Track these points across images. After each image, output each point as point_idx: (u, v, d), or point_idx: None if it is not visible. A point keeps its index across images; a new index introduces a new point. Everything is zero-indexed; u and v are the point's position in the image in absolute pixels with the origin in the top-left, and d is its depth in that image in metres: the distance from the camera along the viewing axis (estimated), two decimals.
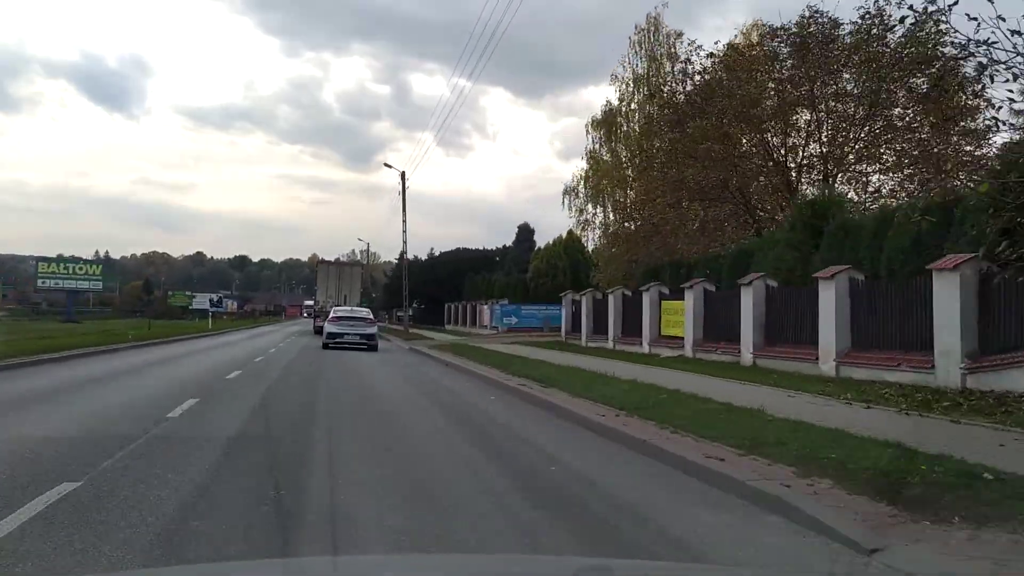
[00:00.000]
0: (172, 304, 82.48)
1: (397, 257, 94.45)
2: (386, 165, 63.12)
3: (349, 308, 31.83)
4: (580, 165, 55.30)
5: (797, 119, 24.22)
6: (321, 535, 4.60)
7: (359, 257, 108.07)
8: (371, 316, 30.53)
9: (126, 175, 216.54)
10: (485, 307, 46.08)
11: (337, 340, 26.87)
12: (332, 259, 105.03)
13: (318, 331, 32.76)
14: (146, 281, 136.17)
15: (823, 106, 23.30)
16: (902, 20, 11.10)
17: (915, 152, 22.55)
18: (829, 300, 14.59)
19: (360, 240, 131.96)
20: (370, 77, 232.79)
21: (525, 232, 64.57)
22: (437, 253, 70.96)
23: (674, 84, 29.05)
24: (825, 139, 23.70)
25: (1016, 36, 8.04)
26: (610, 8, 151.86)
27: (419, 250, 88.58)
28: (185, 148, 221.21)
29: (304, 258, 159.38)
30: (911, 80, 21.27)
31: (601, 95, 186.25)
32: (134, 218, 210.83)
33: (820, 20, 22.14)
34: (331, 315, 29.59)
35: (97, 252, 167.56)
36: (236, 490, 5.63)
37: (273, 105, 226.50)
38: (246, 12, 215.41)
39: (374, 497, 5.55)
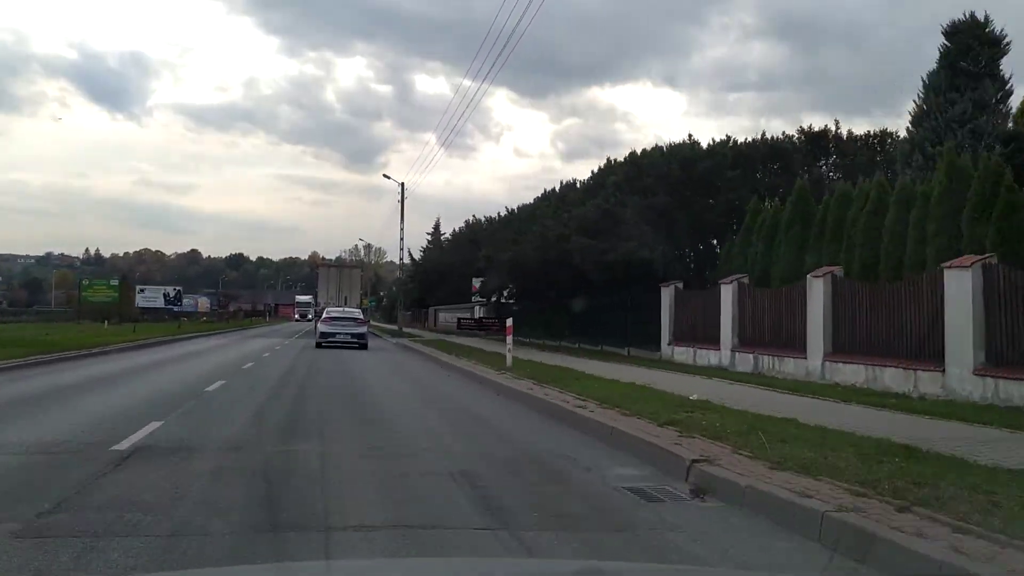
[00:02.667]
0: (88, 299, 51.98)
1: (431, 231, 67.32)
2: (385, 176, 53.75)
3: (341, 309, 33.62)
4: None
5: None
6: None
7: (362, 253, 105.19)
8: (362, 316, 32.55)
9: (127, 176, 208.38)
10: None
11: (330, 339, 28.34)
12: (333, 260, 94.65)
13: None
14: (122, 279, 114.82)
15: None
16: None
17: None
18: None
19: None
20: (372, 77, 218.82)
21: (973, 37, 19.80)
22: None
23: None
24: None
25: None
26: (615, 8, 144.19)
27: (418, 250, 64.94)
28: (186, 149, 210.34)
29: (304, 256, 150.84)
30: None
31: (606, 96, 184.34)
32: (135, 220, 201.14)
33: None
34: (324, 315, 31.56)
35: (87, 250, 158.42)
36: None
37: (274, 105, 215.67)
38: (247, 12, 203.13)
39: None
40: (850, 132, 27.27)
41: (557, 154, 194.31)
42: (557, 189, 36.30)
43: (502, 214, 42.23)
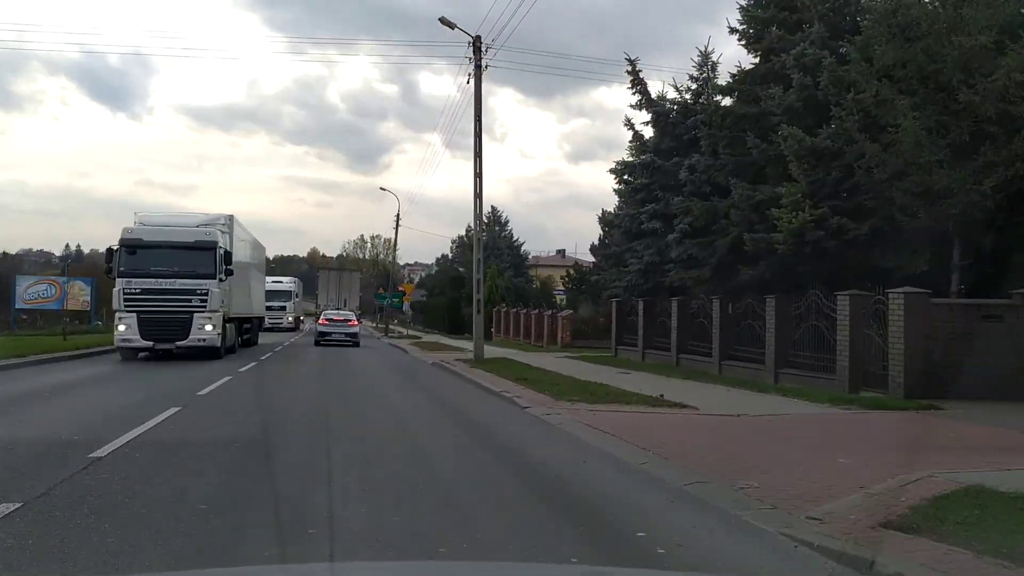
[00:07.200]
0: None
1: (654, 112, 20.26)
2: (382, 189, 38.03)
3: (336, 311, 36.81)
4: None
5: None
6: None
7: (369, 245, 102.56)
8: (355, 318, 35.48)
9: (129, 176, 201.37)
10: None
11: (327, 338, 31.57)
12: (333, 260, 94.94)
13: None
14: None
15: None
16: None
17: None
18: None
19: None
20: (377, 76, 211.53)
21: None
22: None
23: None
24: None
25: None
26: (625, 7, 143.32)
27: (426, 255, 54.95)
28: (188, 149, 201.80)
29: (302, 254, 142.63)
30: None
31: (612, 97, 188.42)
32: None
33: None
34: (321, 317, 35.43)
35: (67, 245, 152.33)
36: None
37: (278, 105, 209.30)
38: (253, 8, 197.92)
39: None
40: None
41: (563, 156, 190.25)
42: None
43: None
